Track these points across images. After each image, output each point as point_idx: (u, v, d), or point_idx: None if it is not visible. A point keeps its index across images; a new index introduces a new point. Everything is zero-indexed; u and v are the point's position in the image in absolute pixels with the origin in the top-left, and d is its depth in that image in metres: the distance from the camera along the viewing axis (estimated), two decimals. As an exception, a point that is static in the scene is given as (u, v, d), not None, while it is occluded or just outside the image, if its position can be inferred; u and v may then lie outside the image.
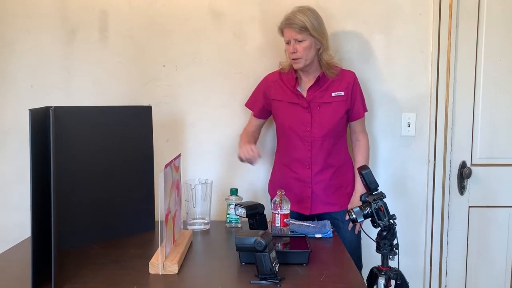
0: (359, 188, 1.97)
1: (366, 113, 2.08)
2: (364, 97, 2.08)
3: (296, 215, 2.01)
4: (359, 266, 2.04)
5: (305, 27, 1.85)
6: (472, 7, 2.21)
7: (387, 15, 2.21)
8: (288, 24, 1.87)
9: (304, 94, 1.98)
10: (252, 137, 2.09)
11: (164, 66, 2.24)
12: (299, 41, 1.87)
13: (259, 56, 2.23)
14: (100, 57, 2.22)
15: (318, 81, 1.96)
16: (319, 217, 2.03)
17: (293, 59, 1.91)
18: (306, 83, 2.00)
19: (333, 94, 1.96)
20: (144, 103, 2.18)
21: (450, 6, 2.19)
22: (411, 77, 2.25)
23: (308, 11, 1.88)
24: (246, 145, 1.92)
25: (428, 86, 2.25)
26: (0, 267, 1.56)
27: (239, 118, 2.25)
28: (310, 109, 1.97)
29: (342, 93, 1.97)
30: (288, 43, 1.91)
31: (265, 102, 2.08)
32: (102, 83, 2.24)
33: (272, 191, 2.14)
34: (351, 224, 1.97)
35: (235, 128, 2.25)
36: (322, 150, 1.97)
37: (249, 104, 2.15)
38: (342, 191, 2.04)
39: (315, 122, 1.96)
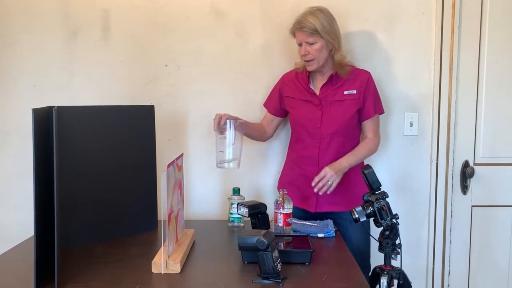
0: (344, 158, 1.95)
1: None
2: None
3: (302, 213, 2.00)
4: (367, 267, 1.98)
5: (315, 29, 1.85)
6: (475, 6, 2.21)
7: (390, 14, 2.21)
8: (299, 27, 1.88)
9: (317, 92, 1.99)
10: (248, 123, 2.02)
11: (166, 65, 2.24)
12: (311, 44, 1.88)
13: (261, 55, 2.23)
14: (102, 56, 2.22)
15: (331, 79, 1.97)
16: (327, 216, 2.02)
17: (306, 61, 1.93)
18: (319, 81, 2.00)
19: (346, 92, 1.96)
20: (146, 102, 2.18)
21: (453, 5, 2.18)
22: (414, 76, 2.24)
23: (319, 12, 1.88)
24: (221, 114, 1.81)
25: (430, 85, 2.25)
26: (3, 266, 1.57)
27: (242, 117, 2.24)
28: (322, 106, 1.97)
29: (355, 92, 1.96)
30: (300, 45, 1.92)
31: (280, 101, 2.09)
32: (104, 83, 2.24)
33: (281, 187, 2.14)
34: None
35: (238, 127, 2.25)
36: (331, 148, 1.97)
37: (266, 103, 2.16)
38: (349, 191, 2.01)
39: (325, 119, 1.96)
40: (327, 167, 1.89)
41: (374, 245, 1.91)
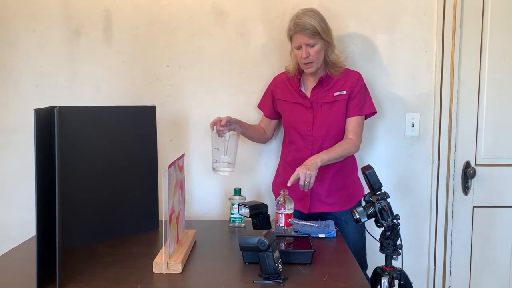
0: (316, 155, 1.88)
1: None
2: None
3: (299, 214, 2.01)
4: (364, 267, 2.03)
5: (316, 31, 1.83)
6: (477, 6, 2.20)
7: (391, 14, 2.21)
8: (299, 30, 1.85)
9: (308, 94, 1.99)
10: (249, 126, 2.08)
11: (168, 66, 2.24)
12: (311, 46, 1.86)
13: (262, 55, 2.23)
14: (104, 56, 2.23)
15: (321, 81, 1.96)
16: (323, 217, 2.03)
17: (305, 63, 1.91)
18: (311, 83, 2.00)
19: (336, 93, 1.96)
20: (148, 102, 2.19)
21: (454, 6, 2.18)
22: (415, 76, 2.24)
23: (313, 13, 1.87)
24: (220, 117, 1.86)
25: (432, 86, 2.25)
26: (5, 265, 1.57)
27: (243, 117, 2.24)
28: (313, 109, 1.97)
29: (344, 92, 1.96)
30: (298, 48, 1.89)
31: (273, 103, 2.10)
32: (106, 83, 2.24)
33: (275, 189, 2.15)
34: None
35: (239, 127, 2.26)
36: (323, 150, 1.96)
37: (260, 105, 2.18)
38: (343, 192, 2.03)
39: (316, 122, 1.97)
40: (298, 168, 1.81)
41: (372, 244, 1.91)
